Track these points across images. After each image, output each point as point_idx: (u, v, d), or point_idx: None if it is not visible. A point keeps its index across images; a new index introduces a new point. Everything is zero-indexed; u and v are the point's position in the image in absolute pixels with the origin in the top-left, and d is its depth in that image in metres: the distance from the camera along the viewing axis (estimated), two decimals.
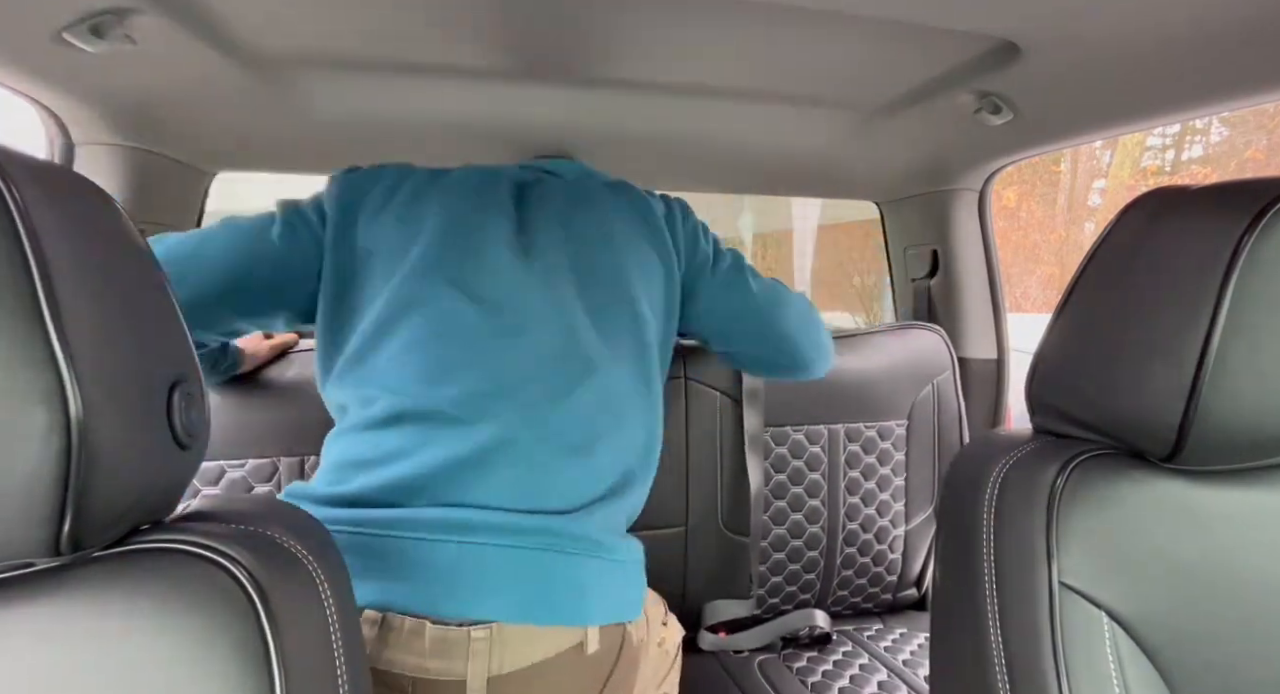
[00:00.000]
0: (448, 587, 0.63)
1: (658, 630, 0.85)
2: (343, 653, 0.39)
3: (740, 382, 1.15)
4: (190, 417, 0.37)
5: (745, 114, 1.02)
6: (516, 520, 0.66)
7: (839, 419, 1.19)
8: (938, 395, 1.24)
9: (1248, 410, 0.41)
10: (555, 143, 1.14)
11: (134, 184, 0.99)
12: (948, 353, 1.26)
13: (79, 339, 0.30)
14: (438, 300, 0.70)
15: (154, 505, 0.36)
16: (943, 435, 1.25)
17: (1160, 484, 0.45)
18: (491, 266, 0.73)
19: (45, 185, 0.32)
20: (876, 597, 1.26)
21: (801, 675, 1.05)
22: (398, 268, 0.72)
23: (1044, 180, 8.80)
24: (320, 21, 0.73)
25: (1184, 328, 0.42)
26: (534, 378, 0.70)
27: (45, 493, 0.29)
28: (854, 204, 1.59)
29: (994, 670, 0.47)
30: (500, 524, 0.65)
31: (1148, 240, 0.46)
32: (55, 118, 0.91)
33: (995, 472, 0.50)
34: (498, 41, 0.78)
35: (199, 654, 0.32)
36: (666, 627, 0.88)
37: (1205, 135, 7.98)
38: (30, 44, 0.71)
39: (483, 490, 0.67)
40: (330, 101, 0.94)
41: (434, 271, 0.71)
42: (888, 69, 0.85)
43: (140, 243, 0.37)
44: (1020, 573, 0.46)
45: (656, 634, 0.84)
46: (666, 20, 0.73)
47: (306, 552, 0.39)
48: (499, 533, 0.65)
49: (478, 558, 0.64)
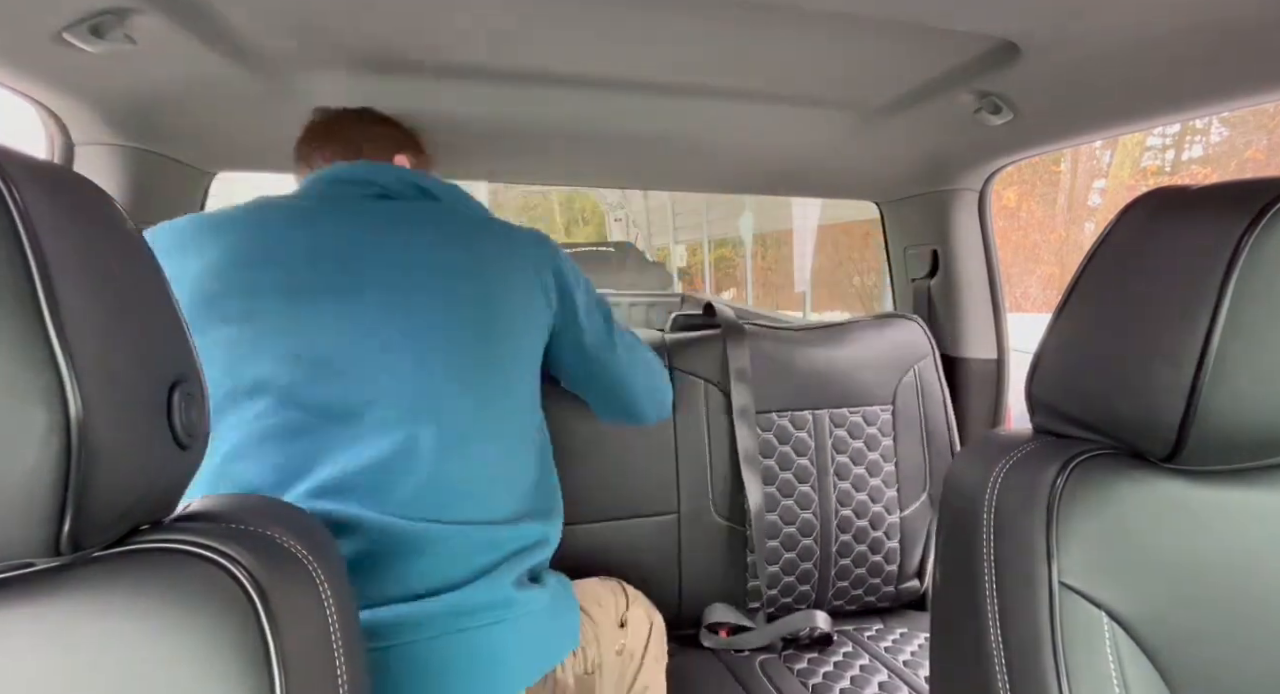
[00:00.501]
0: None
1: (613, 639, 0.82)
2: (343, 653, 0.39)
3: (726, 369, 1.17)
4: (190, 417, 0.37)
5: (745, 114, 1.02)
6: (420, 608, 0.61)
7: (823, 404, 1.22)
8: (920, 381, 1.28)
9: (1248, 410, 0.41)
10: (555, 143, 1.14)
11: (134, 184, 0.99)
12: (927, 341, 1.30)
13: (79, 339, 0.30)
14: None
15: (154, 505, 0.36)
16: (929, 422, 1.28)
17: (1160, 484, 0.45)
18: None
19: (45, 185, 0.32)
20: (878, 589, 1.25)
21: (803, 677, 1.05)
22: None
23: (1044, 180, 8.80)
24: (320, 21, 0.73)
25: (1184, 328, 0.42)
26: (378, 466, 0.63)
27: (45, 493, 0.29)
28: (854, 204, 1.59)
29: (994, 670, 0.47)
30: (405, 617, 0.60)
31: (1148, 240, 0.46)
32: (55, 118, 0.91)
33: (995, 472, 0.50)
34: (496, 41, 0.78)
35: (199, 654, 0.32)
36: (625, 627, 0.85)
37: (1205, 135, 7.98)
38: (30, 44, 0.71)
39: (391, 583, 0.61)
40: (330, 101, 0.94)
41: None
42: (888, 69, 0.85)
43: (141, 243, 0.37)
44: (1020, 573, 0.46)
45: (613, 643, 0.81)
46: (666, 20, 0.73)
47: (306, 552, 0.39)
48: (403, 630, 0.60)
49: (381, 666, 0.58)
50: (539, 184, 1.62)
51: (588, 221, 12.68)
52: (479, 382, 0.69)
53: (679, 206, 8.47)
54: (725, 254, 9.56)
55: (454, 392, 0.67)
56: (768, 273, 8.69)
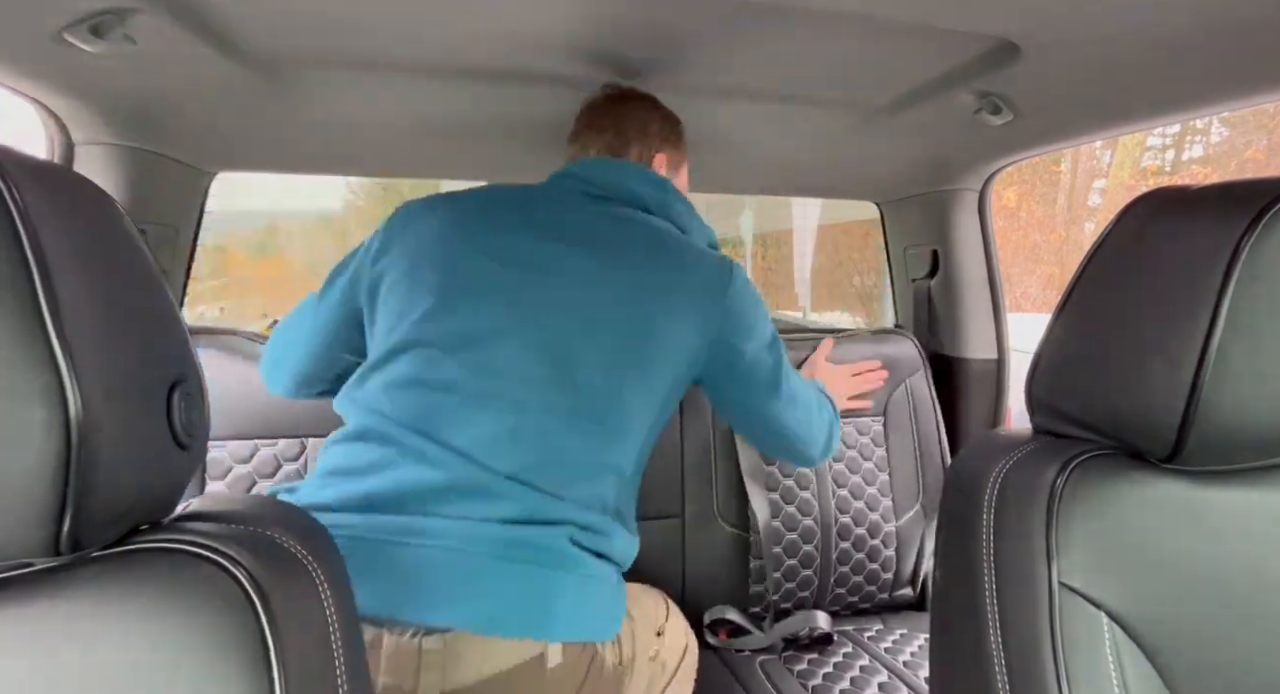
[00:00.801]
0: (410, 590, 0.62)
1: (649, 643, 0.83)
2: (343, 653, 0.39)
3: None
4: (190, 417, 0.37)
5: (745, 114, 1.02)
6: (484, 529, 0.66)
7: None
8: (911, 395, 1.31)
9: (1248, 410, 0.41)
10: (558, 143, 1.14)
11: (134, 184, 0.99)
12: (919, 355, 1.34)
13: (79, 339, 0.30)
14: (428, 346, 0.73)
15: (154, 505, 0.36)
16: (921, 434, 1.31)
17: (1160, 484, 0.45)
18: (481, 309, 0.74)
19: (45, 185, 0.32)
20: (874, 596, 1.26)
21: (803, 678, 1.05)
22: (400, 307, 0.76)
23: (1044, 180, 8.80)
24: (320, 21, 0.73)
25: (1184, 328, 0.42)
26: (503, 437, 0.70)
27: (45, 492, 0.29)
28: (854, 204, 1.59)
29: (994, 670, 0.46)
30: (467, 532, 0.65)
31: (1148, 240, 0.46)
32: (55, 118, 0.91)
33: (995, 472, 0.50)
34: (498, 42, 0.78)
35: (199, 654, 0.32)
36: (662, 637, 0.86)
37: (1205, 135, 7.98)
38: (30, 44, 0.71)
39: (451, 506, 0.67)
40: (330, 101, 0.94)
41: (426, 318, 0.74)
42: (888, 69, 0.85)
43: (140, 243, 0.37)
44: (1020, 573, 0.46)
45: (648, 647, 0.83)
46: (665, 21, 0.73)
47: (306, 552, 0.39)
48: (465, 539, 0.65)
49: (439, 563, 0.63)
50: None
51: None
52: (613, 391, 0.74)
53: None
54: (725, 254, 9.52)
55: (586, 399, 0.73)
56: (768, 273, 8.69)
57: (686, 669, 0.90)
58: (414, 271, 0.76)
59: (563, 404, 0.72)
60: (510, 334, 0.73)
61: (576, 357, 0.73)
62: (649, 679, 0.82)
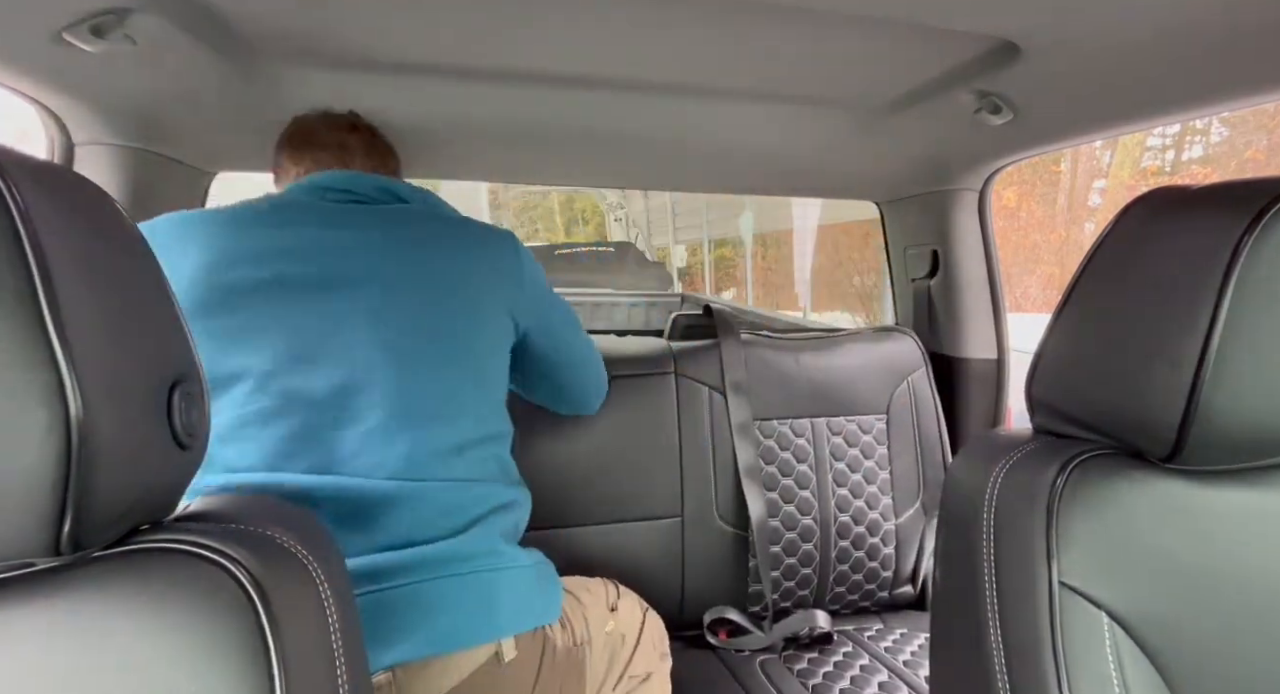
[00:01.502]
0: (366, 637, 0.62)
1: (603, 619, 0.85)
2: (343, 653, 0.39)
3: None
4: (190, 417, 0.37)
5: (745, 114, 1.02)
6: (418, 554, 0.66)
7: (821, 413, 1.26)
8: (913, 392, 1.31)
9: (1248, 410, 0.41)
10: (555, 143, 1.14)
11: (134, 184, 0.99)
12: (920, 353, 1.34)
13: (79, 339, 0.30)
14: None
15: (154, 505, 0.36)
16: (922, 432, 1.31)
17: (1160, 484, 0.45)
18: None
19: (45, 185, 0.32)
20: (874, 594, 1.26)
21: (803, 677, 1.06)
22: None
23: (1044, 180, 8.80)
24: (320, 22, 0.73)
25: (1184, 328, 0.42)
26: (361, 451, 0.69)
27: (45, 493, 0.29)
28: (854, 204, 1.59)
29: (994, 670, 0.47)
30: (405, 562, 0.65)
31: (1148, 240, 0.46)
32: (55, 118, 0.91)
33: (995, 472, 0.50)
34: (497, 42, 0.78)
35: (199, 654, 0.32)
36: (616, 612, 0.88)
37: (1205, 135, 7.97)
38: (30, 44, 0.71)
39: (381, 535, 0.66)
40: (331, 102, 0.94)
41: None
42: (888, 69, 0.85)
43: (141, 243, 0.37)
44: (1020, 573, 0.46)
45: (603, 624, 0.85)
46: (665, 20, 0.73)
47: (306, 552, 0.39)
48: (404, 572, 0.65)
49: (386, 605, 0.63)
50: (539, 184, 1.62)
51: (587, 222, 12.68)
52: (449, 364, 0.74)
53: (679, 206, 8.46)
54: (725, 254, 9.56)
55: (426, 376, 0.72)
56: (768, 273, 8.69)
57: (649, 638, 0.91)
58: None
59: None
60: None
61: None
62: (610, 653, 0.84)
